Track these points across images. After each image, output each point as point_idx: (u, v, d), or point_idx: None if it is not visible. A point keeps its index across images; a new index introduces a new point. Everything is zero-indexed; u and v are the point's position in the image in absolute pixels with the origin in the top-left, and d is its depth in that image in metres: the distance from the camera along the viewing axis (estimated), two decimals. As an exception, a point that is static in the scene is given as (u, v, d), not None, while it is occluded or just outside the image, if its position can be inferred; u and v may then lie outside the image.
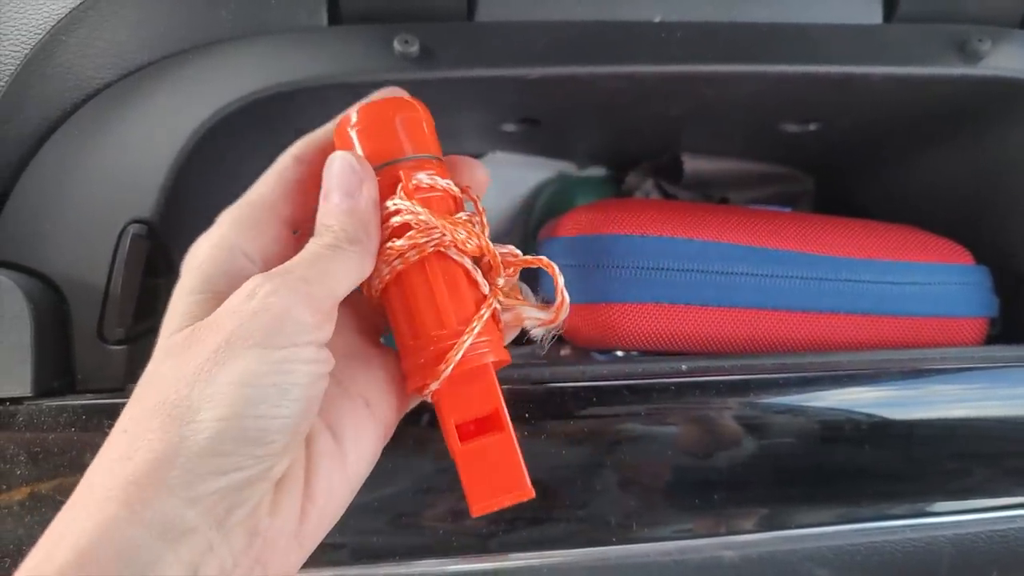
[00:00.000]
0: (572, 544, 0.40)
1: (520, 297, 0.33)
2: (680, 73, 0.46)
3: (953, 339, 0.51)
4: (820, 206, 0.75)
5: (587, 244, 0.47)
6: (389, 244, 0.31)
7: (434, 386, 0.31)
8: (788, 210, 0.66)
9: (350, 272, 0.29)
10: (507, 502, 0.31)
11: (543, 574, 0.40)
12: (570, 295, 0.47)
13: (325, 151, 0.32)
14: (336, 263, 0.29)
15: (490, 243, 0.32)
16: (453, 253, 0.31)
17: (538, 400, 0.39)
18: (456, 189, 0.32)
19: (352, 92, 0.45)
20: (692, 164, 0.68)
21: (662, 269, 0.46)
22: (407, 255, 0.31)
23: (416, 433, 0.38)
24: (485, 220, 0.33)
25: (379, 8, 0.44)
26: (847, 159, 0.68)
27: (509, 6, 0.46)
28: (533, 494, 0.31)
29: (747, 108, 0.55)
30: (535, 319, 0.33)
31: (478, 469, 0.31)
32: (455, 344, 0.30)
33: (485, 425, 0.32)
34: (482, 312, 0.31)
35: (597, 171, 0.75)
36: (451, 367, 0.30)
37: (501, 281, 0.32)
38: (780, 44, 0.46)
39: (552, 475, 0.39)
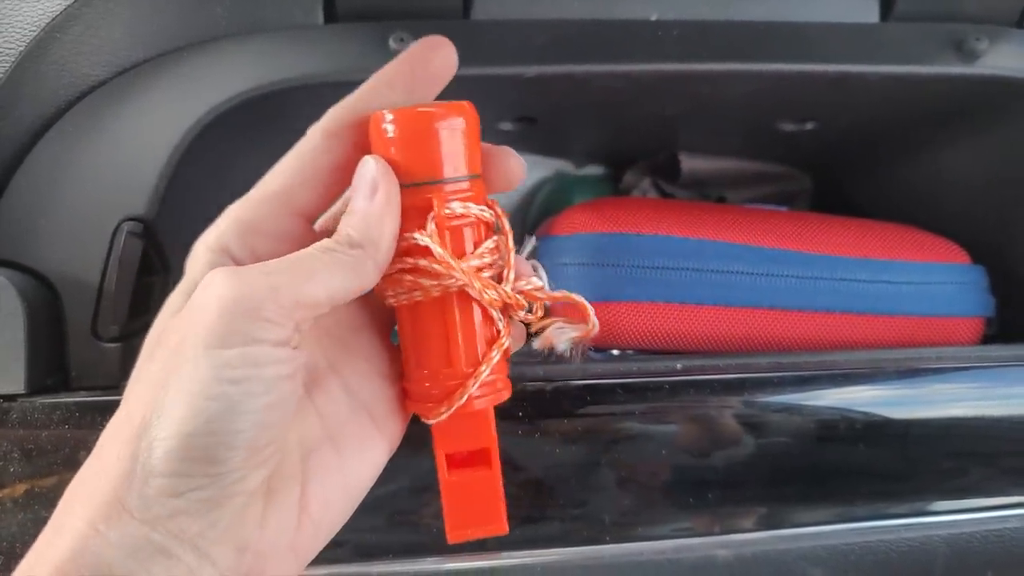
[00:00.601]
0: (567, 543, 0.40)
1: (541, 296, 0.32)
2: (676, 72, 0.46)
3: (949, 339, 0.51)
4: (817, 205, 0.75)
5: (583, 243, 0.47)
6: (410, 277, 0.29)
7: (432, 421, 0.30)
8: (785, 209, 0.66)
9: (340, 278, 0.27)
10: (483, 535, 0.31)
11: (537, 572, 0.40)
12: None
13: (358, 128, 0.30)
14: (320, 264, 0.27)
15: (510, 291, 0.30)
16: (472, 293, 0.29)
17: (533, 398, 0.39)
18: (488, 214, 0.30)
19: (348, 90, 0.45)
20: (689, 163, 0.68)
21: (658, 268, 0.46)
22: (428, 289, 0.29)
23: (415, 431, 0.38)
24: (511, 243, 0.31)
25: (374, 6, 0.44)
26: (844, 158, 0.68)
27: (505, 4, 0.45)
28: (507, 531, 0.31)
29: (743, 107, 0.55)
30: (567, 339, 0.32)
31: (461, 499, 0.31)
32: (459, 388, 0.29)
33: (475, 457, 0.31)
34: (492, 355, 0.30)
35: (594, 169, 0.75)
36: (452, 410, 0.30)
37: (521, 314, 0.31)
38: (776, 43, 0.46)
39: (546, 473, 0.39)
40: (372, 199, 0.28)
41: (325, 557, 0.38)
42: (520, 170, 0.32)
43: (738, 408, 0.41)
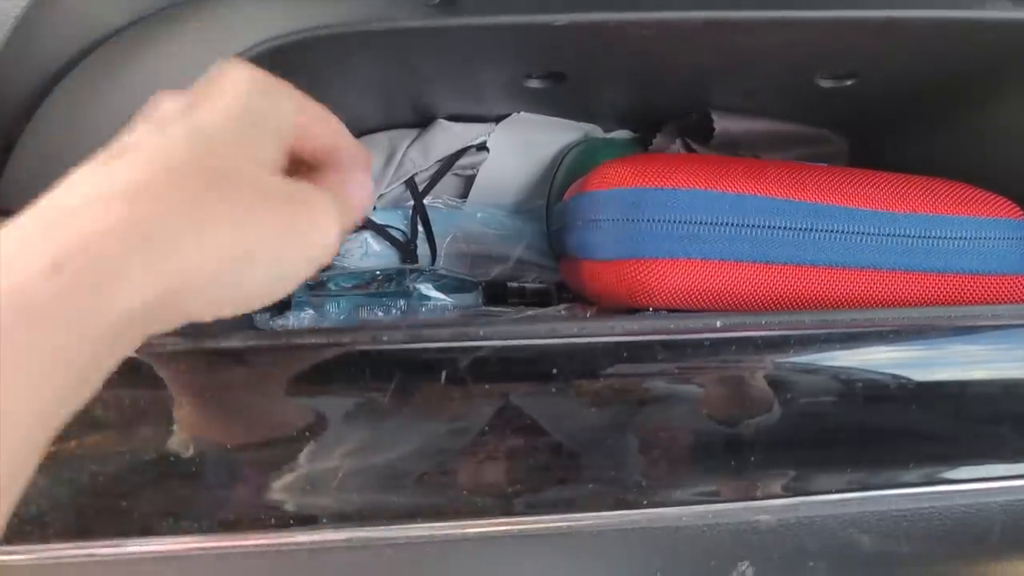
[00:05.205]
0: (601, 507, 0.38)
1: None
2: (712, 20, 0.44)
3: (1002, 296, 0.49)
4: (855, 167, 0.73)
5: (617, 198, 0.45)
6: None
7: None
8: (823, 167, 0.64)
9: None
10: None
11: (571, 537, 0.39)
12: (600, 251, 0.46)
13: None
14: None
15: None
16: None
17: (567, 355, 0.37)
18: None
19: (369, 40, 0.44)
20: (721, 123, 0.66)
21: (696, 223, 0.44)
22: None
23: (440, 393, 0.37)
24: None
25: (401, -49, 0.43)
26: (884, 116, 0.66)
27: (535, -52, 0.44)
28: None
29: (782, 59, 0.53)
30: None
31: None
32: None
33: None
34: None
35: (623, 134, 0.73)
36: None
37: None
38: (819, -13, 0.44)
39: (581, 435, 0.38)
40: None
41: (354, 520, 0.37)
42: None
43: (782, 367, 0.39)
